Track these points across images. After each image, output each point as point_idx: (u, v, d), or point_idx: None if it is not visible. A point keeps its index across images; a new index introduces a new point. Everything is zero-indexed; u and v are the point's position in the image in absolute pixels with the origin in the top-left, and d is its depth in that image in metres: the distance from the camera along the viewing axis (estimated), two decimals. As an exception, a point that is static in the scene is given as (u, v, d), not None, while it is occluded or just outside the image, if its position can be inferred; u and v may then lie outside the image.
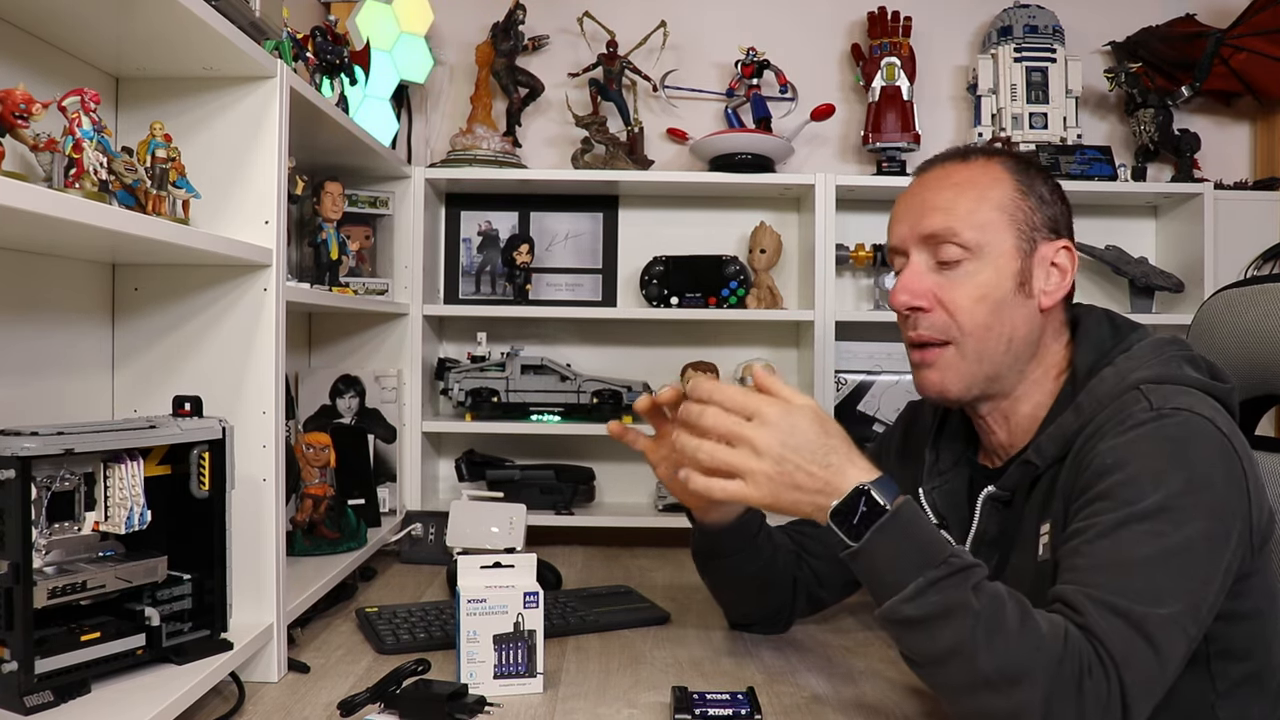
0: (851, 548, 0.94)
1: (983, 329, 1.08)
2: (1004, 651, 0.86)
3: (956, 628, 0.88)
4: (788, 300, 2.21)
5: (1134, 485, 0.93)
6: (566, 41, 2.27)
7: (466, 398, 2.04)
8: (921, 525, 0.94)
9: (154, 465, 1.07)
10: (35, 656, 0.90)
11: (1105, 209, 2.23)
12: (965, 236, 1.08)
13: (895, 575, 0.92)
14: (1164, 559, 0.90)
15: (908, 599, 0.90)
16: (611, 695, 1.15)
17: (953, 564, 0.91)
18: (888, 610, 0.92)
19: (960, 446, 1.23)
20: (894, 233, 1.15)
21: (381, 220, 2.05)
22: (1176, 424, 0.96)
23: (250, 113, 1.22)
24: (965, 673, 0.88)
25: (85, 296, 1.21)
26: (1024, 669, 0.85)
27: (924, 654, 0.92)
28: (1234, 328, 1.25)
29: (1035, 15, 2.18)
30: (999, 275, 1.08)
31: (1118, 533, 0.92)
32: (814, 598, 1.38)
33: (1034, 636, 0.87)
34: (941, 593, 0.89)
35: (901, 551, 0.92)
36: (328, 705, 1.10)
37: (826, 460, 0.97)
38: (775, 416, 0.98)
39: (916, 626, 0.91)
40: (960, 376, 1.09)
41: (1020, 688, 0.85)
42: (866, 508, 0.94)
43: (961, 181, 1.11)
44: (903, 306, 1.10)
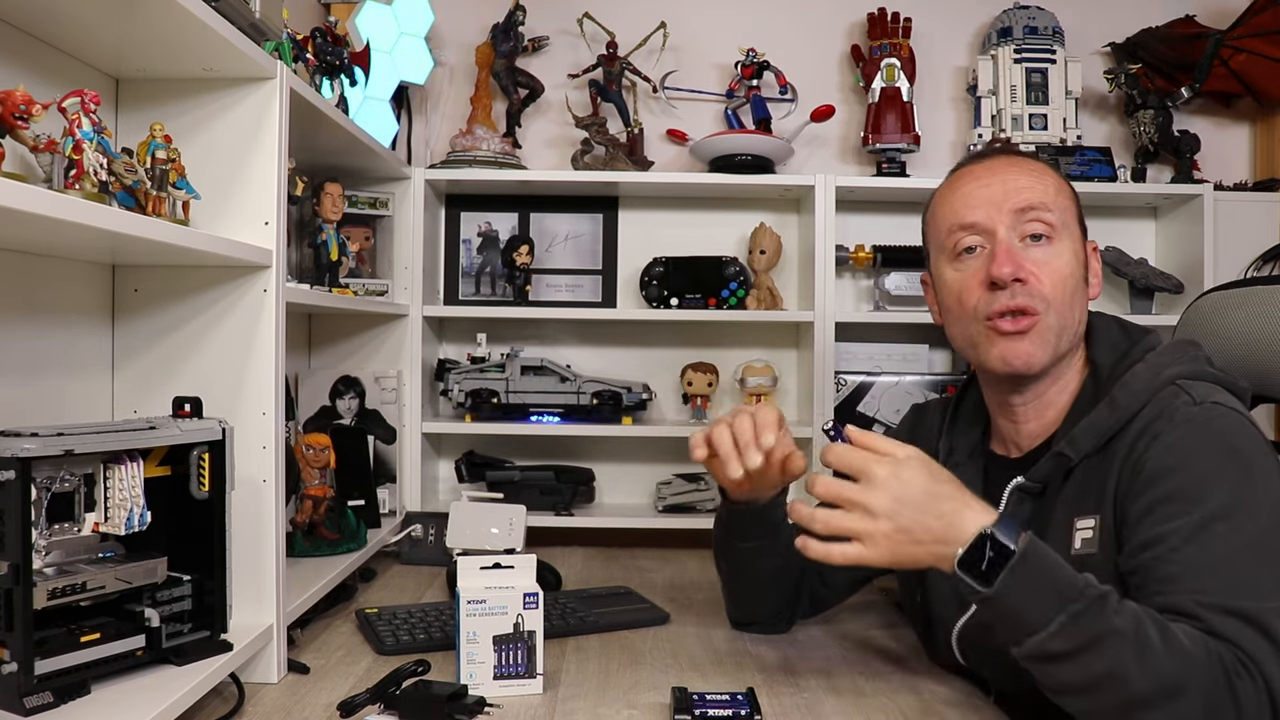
0: (984, 593, 0.92)
1: (1066, 306, 1.11)
2: (1156, 668, 0.86)
3: (1107, 655, 0.87)
4: (788, 301, 2.21)
5: (1200, 485, 0.95)
6: (566, 42, 2.27)
7: (466, 399, 2.04)
8: (1050, 560, 0.93)
9: (154, 466, 1.07)
10: (35, 657, 0.90)
11: (1105, 210, 2.23)
12: (1054, 214, 1.12)
13: (1034, 614, 0.90)
14: (1254, 552, 0.92)
15: (1053, 635, 0.89)
16: (611, 696, 1.15)
17: (1089, 595, 0.90)
18: (1032, 648, 0.91)
19: (976, 436, 1.24)
20: (970, 213, 1.13)
21: (381, 221, 2.05)
22: (1221, 419, 1.00)
23: (250, 114, 1.22)
24: (1120, 695, 0.88)
25: (85, 297, 1.21)
26: (1179, 682, 0.86)
27: (1073, 684, 0.91)
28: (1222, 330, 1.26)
29: (1035, 16, 2.18)
30: (1075, 258, 1.13)
31: (1200, 535, 0.93)
32: (817, 597, 1.39)
33: (1180, 650, 0.87)
34: (1086, 624, 0.88)
35: (1037, 590, 0.91)
36: (327, 706, 1.10)
37: (940, 510, 0.96)
38: (884, 475, 0.97)
39: (1064, 660, 0.90)
40: (1047, 348, 1.10)
41: (1178, 701, 0.86)
42: (994, 552, 0.92)
43: (1037, 169, 1.16)
44: (1009, 278, 1.09)
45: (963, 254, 1.14)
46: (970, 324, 1.14)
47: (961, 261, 1.15)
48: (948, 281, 1.17)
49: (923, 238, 1.25)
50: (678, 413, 2.23)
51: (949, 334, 1.20)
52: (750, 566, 1.33)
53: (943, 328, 1.21)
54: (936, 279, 1.20)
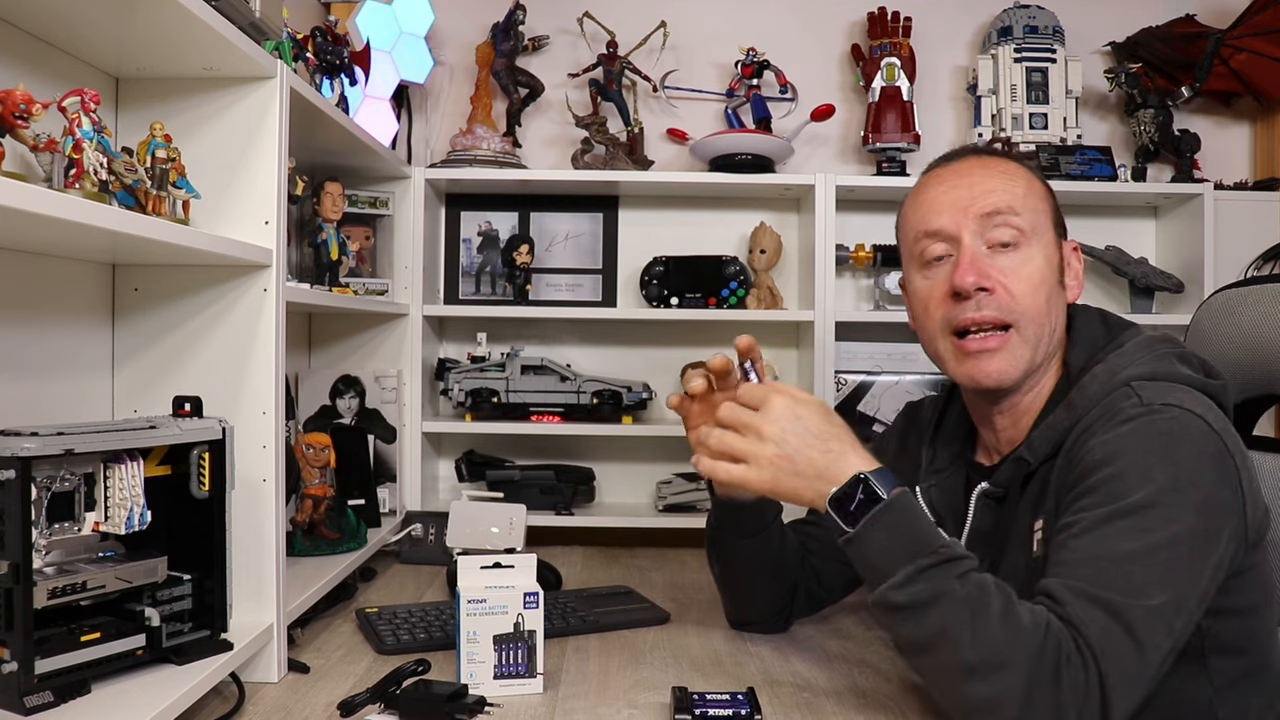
0: (847, 534, 0.97)
1: (1041, 314, 1.08)
2: (986, 639, 0.88)
3: (941, 614, 0.91)
4: (788, 300, 2.21)
5: (1121, 480, 0.94)
6: (566, 42, 2.27)
7: (466, 398, 2.04)
8: (916, 515, 0.97)
9: (154, 465, 1.07)
10: (35, 657, 0.90)
11: (1105, 209, 2.23)
12: (1022, 218, 1.09)
13: (887, 563, 0.94)
14: (1149, 554, 0.90)
15: (897, 586, 0.93)
16: (611, 695, 1.15)
17: (942, 553, 0.93)
18: (878, 597, 0.95)
19: (958, 444, 1.24)
20: (936, 219, 1.11)
21: (381, 220, 2.05)
22: (1166, 420, 0.97)
23: (250, 113, 1.22)
24: (950, 659, 0.90)
25: (85, 296, 1.21)
26: (1005, 657, 0.87)
27: (912, 640, 0.95)
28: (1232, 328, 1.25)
29: (1035, 15, 2.18)
30: (1048, 263, 1.10)
31: (1103, 528, 0.93)
32: (814, 596, 1.39)
33: (1015, 625, 0.88)
34: (929, 580, 0.92)
35: (894, 540, 0.95)
36: (328, 706, 1.10)
37: (827, 447, 1.00)
38: (780, 405, 1.02)
39: (905, 613, 0.93)
40: (1019, 362, 1.08)
41: (1001, 674, 0.87)
42: (864, 495, 0.96)
43: (1006, 170, 1.12)
44: (970, 287, 1.06)
45: (930, 262, 1.12)
46: (937, 338, 1.12)
47: (930, 269, 1.12)
48: (916, 290, 1.15)
49: (897, 243, 1.23)
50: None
51: (920, 341, 1.18)
52: (742, 564, 1.33)
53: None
54: (907, 285, 1.19)
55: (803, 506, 1.04)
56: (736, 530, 1.30)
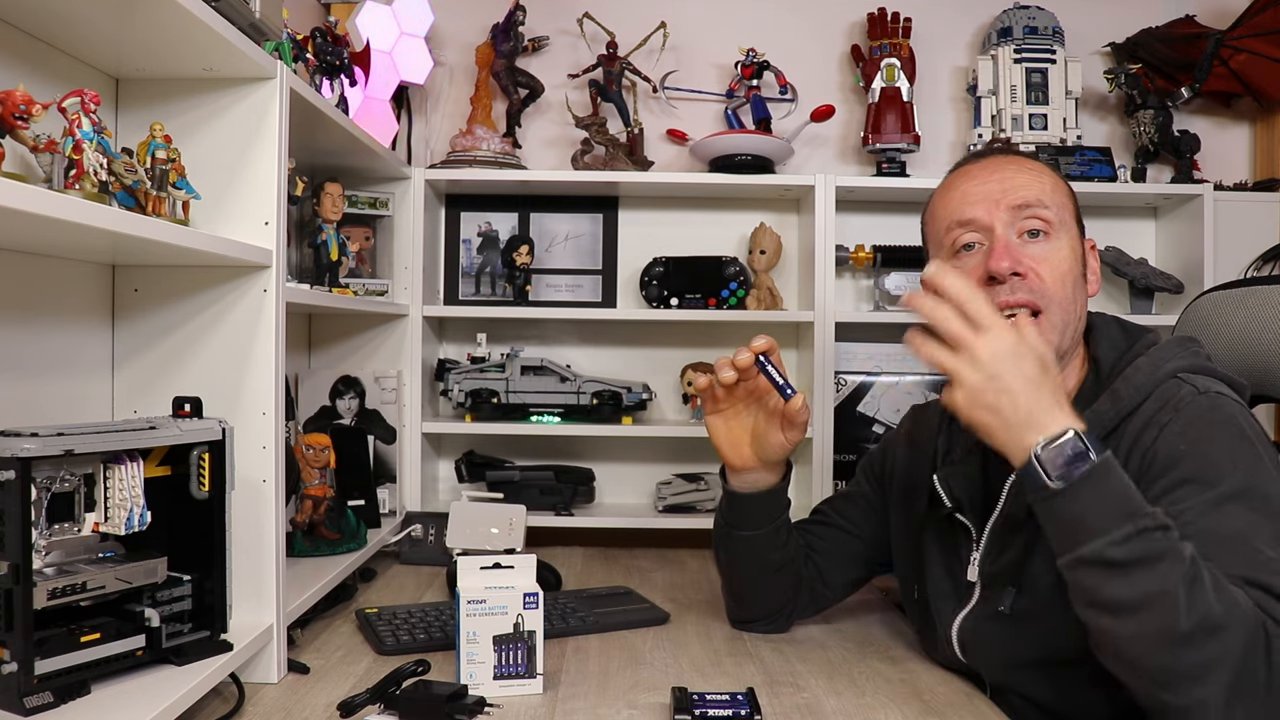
0: (1053, 489, 0.91)
1: (1069, 301, 1.12)
2: (1204, 602, 0.86)
3: (1163, 574, 0.87)
4: (788, 301, 2.21)
5: (1214, 467, 0.97)
6: (566, 42, 2.27)
7: (466, 399, 2.04)
8: (1126, 482, 0.93)
9: (154, 466, 1.07)
10: (35, 657, 0.90)
11: (1105, 210, 2.23)
12: (1052, 211, 1.13)
13: (1101, 519, 0.90)
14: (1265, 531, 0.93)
15: (1117, 542, 0.88)
16: (611, 696, 1.15)
17: (1160, 519, 0.90)
18: (1092, 552, 0.89)
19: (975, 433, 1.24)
20: (969, 209, 1.14)
21: (381, 221, 2.05)
22: (1225, 406, 1.02)
23: (250, 113, 1.22)
24: (1164, 621, 0.86)
25: (85, 297, 1.21)
26: (1223, 621, 0.86)
27: (1121, 601, 0.89)
28: (1221, 330, 1.26)
29: (1035, 16, 2.18)
30: (1073, 255, 1.14)
31: (1215, 512, 0.95)
32: (816, 595, 1.39)
33: (1229, 595, 0.87)
34: (1152, 540, 0.88)
35: (1109, 498, 0.91)
36: (327, 706, 1.10)
37: (1040, 394, 0.93)
38: (1002, 339, 0.94)
39: (1120, 571, 0.88)
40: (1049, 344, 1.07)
41: (1218, 638, 0.85)
42: (1074, 452, 0.91)
43: (1034, 167, 1.17)
44: (1006, 272, 1.10)
45: (961, 251, 1.15)
46: None
47: (960, 259, 1.15)
48: None
49: (922, 238, 1.26)
50: (678, 413, 2.23)
51: None
52: (751, 558, 1.33)
53: None
54: None
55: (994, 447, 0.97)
56: (746, 522, 1.30)
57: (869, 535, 1.39)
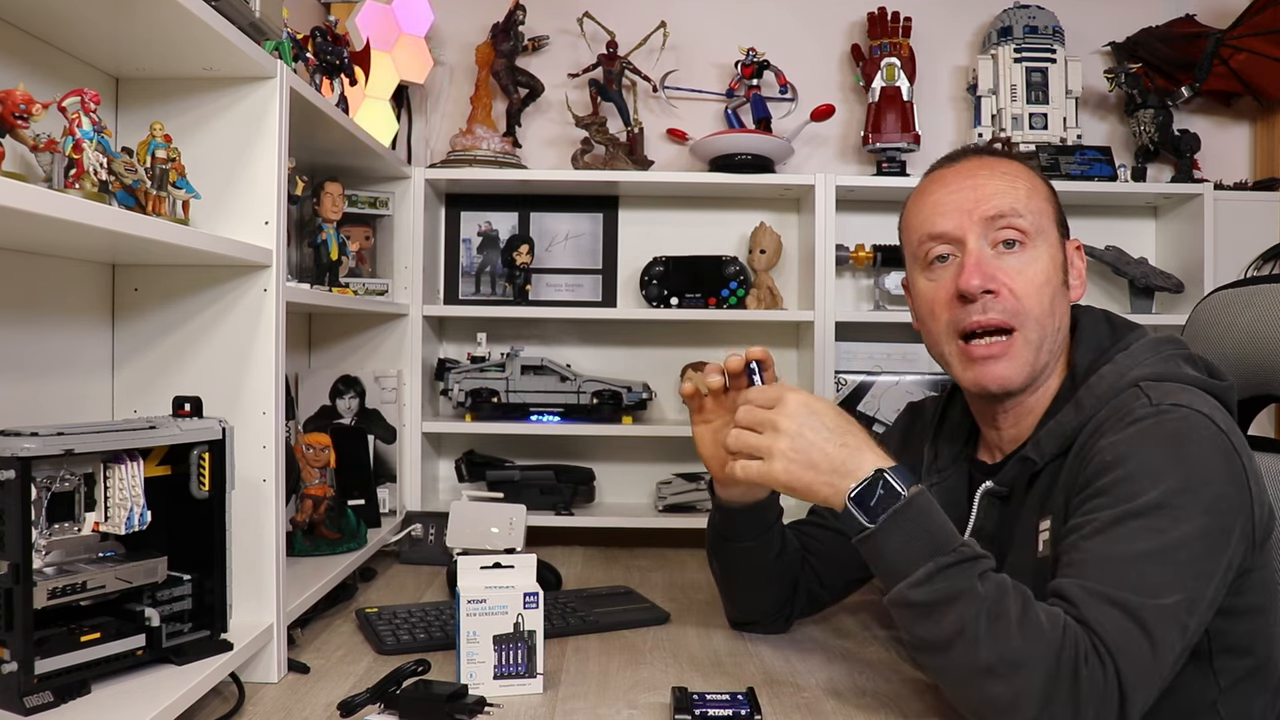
0: (867, 530, 0.96)
1: (1046, 315, 1.08)
2: (1005, 640, 0.88)
3: (961, 613, 0.90)
4: (788, 301, 2.21)
5: (1132, 482, 0.94)
6: (566, 42, 2.27)
7: (466, 398, 2.04)
8: (934, 513, 0.96)
9: (154, 466, 1.07)
10: (35, 657, 0.90)
11: (1105, 209, 2.23)
12: (1027, 220, 1.09)
13: (906, 560, 0.94)
14: (1161, 554, 0.90)
15: (916, 584, 0.93)
16: (611, 695, 1.15)
17: (962, 552, 0.93)
18: (896, 595, 0.95)
19: (960, 443, 1.24)
20: (940, 221, 1.11)
21: (381, 221, 2.05)
22: (1175, 420, 0.97)
23: (250, 113, 1.22)
24: (967, 659, 0.90)
25: (85, 296, 1.21)
26: (1024, 657, 0.87)
27: (929, 640, 0.94)
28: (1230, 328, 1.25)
29: (1035, 16, 2.18)
30: (1052, 263, 1.10)
31: (1115, 529, 0.93)
32: (814, 597, 1.39)
33: (1034, 626, 0.88)
34: (948, 579, 0.91)
35: (913, 537, 0.94)
36: (328, 706, 1.10)
37: (843, 442, 1.00)
38: (795, 401, 1.03)
39: (923, 612, 0.93)
40: (1026, 366, 1.09)
41: (1020, 675, 0.87)
42: (883, 491, 0.96)
43: (1009, 171, 1.13)
44: (977, 290, 1.07)
45: (934, 263, 1.12)
46: (942, 340, 1.13)
47: (933, 271, 1.13)
48: (920, 291, 1.15)
49: (899, 242, 1.23)
50: (678, 413, 2.23)
51: (925, 345, 1.19)
52: (744, 567, 1.33)
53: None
54: (911, 286, 1.19)
55: (818, 503, 1.03)
56: (738, 534, 1.29)
57: None
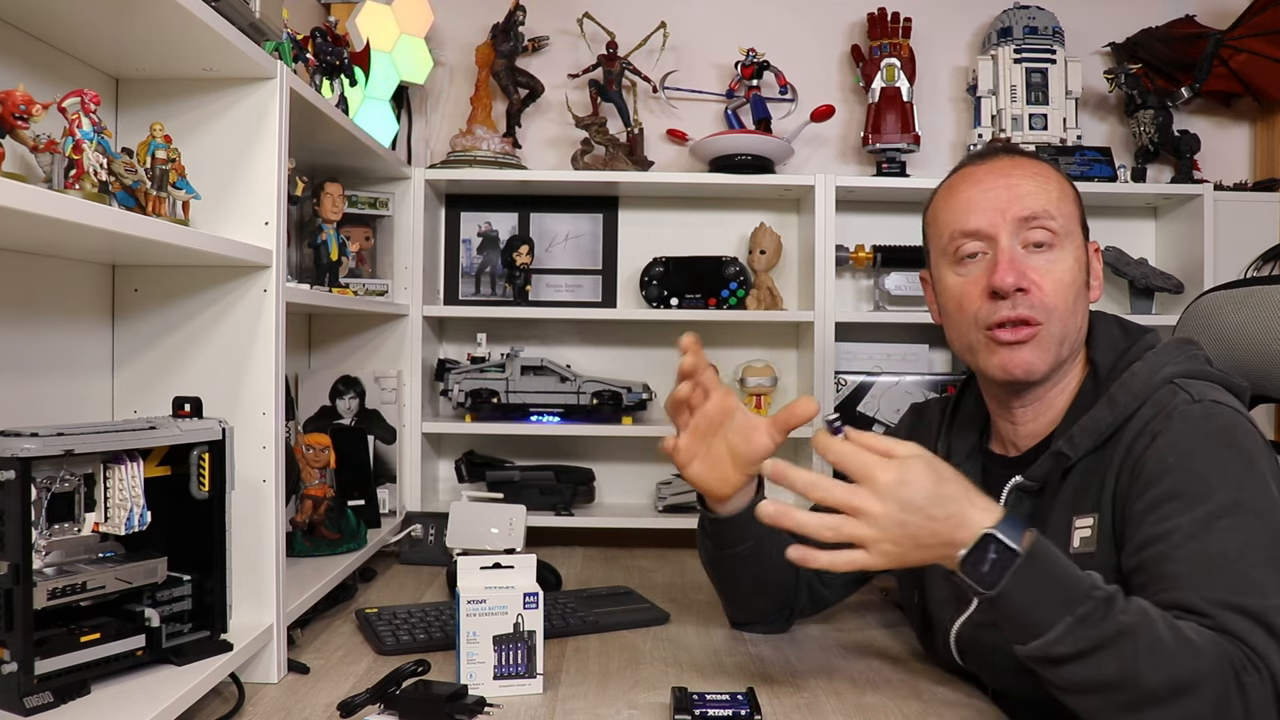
0: (987, 595, 0.91)
1: (1069, 314, 1.10)
2: (1167, 666, 0.85)
3: (1117, 656, 0.87)
4: (788, 301, 2.21)
5: (1203, 482, 0.95)
6: (566, 42, 2.27)
7: (466, 398, 2.04)
8: (1056, 560, 0.91)
9: (154, 466, 1.07)
10: (35, 657, 0.90)
11: (1105, 210, 2.23)
12: (1057, 222, 1.11)
13: (1040, 615, 0.89)
14: (1257, 549, 0.91)
15: (1058, 640, 0.88)
16: (611, 696, 1.15)
17: (1096, 596, 0.89)
18: (1036, 651, 0.90)
19: (974, 437, 1.24)
20: (974, 219, 1.12)
21: (381, 221, 2.05)
22: (1220, 415, 1.00)
23: (250, 113, 1.22)
24: (1131, 694, 0.87)
25: (85, 297, 1.21)
26: (1190, 679, 0.85)
27: (1083, 683, 0.90)
28: (1221, 330, 1.26)
29: (1035, 16, 2.18)
30: (1077, 264, 1.12)
31: (1203, 532, 0.93)
32: (816, 596, 1.39)
33: (1189, 645, 0.86)
34: (1094, 628, 0.88)
35: (1042, 591, 0.90)
36: (327, 706, 1.10)
37: (945, 512, 0.93)
38: (889, 480, 0.93)
39: (1072, 661, 0.89)
40: (1049, 356, 1.10)
41: (1189, 696, 0.85)
42: (996, 554, 0.90)
43: (1040, 172, 1.15)
44: (1011, 288, 1.08)
45: (964, 259, 1.14)
46: (970, 331, 1.14)
47: (963, 266, 1.14)
48: (949, 286, 1.16)
49: (923, 236, 1.25)
50: (678, 413, 2.22)
51: (948, 336, 1.20)
52: (739, 573, 1.33)
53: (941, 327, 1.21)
54: (937, 281, 1.20)
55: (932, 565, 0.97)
56: (730, 541, 1.29)
57: None
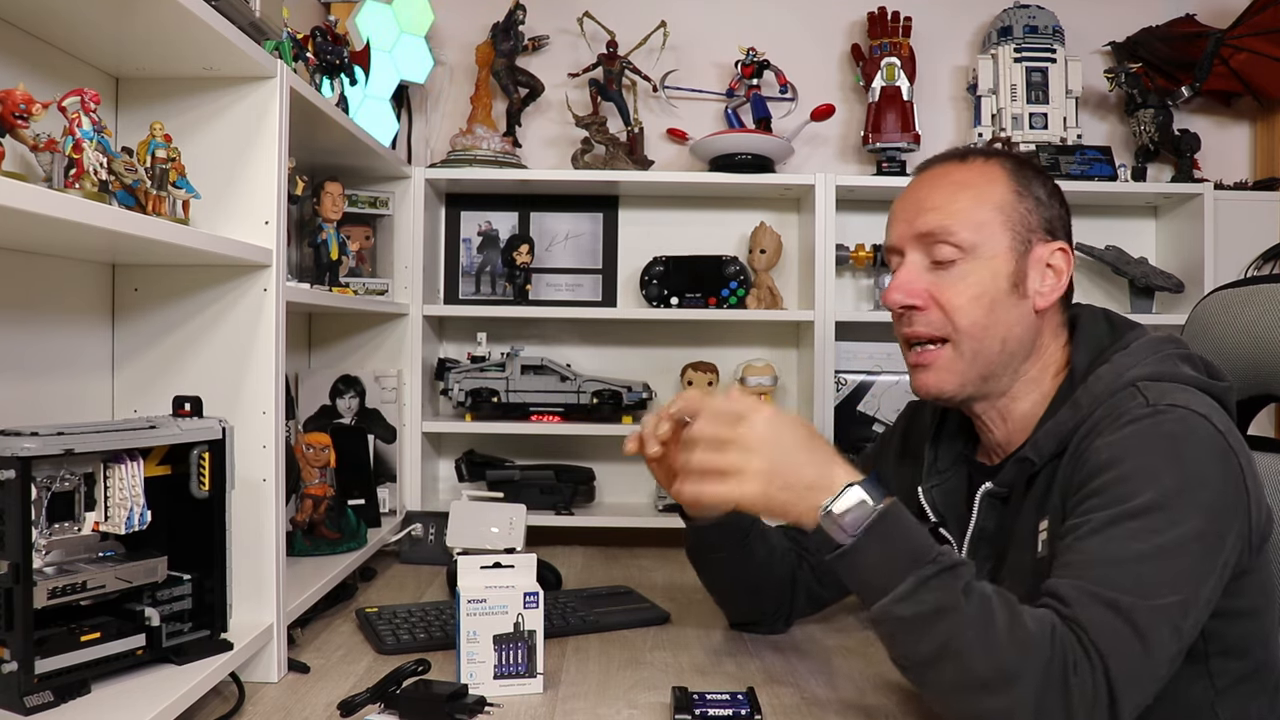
0: (842, 547, 0.95)
1: (979, 328, 1.08)
2: (995, 652, 0.87)
3: (948, 627, 0.89)
4: (788, 300, 2.21)
5: (1128, 482, 0.93)
6: (566, 41, 2.27)
7: (466, 398, 2.04)
8: (910, 524, 0.95)
9: (154, 465, 1.07)
10: (35, 657, 0.90)
11: (1105, 209, 2.23)
12: (961, 236, 1.08)
13: (887, 575, 0.93)
14: (1156, 555, 0.90)
15: (900, 598, 0.91)
16: (611, 695, 1.15)
17: (941, 561, 0.92)
18: (879, 611, 0.93)
19: (959, 445, 1.24)
20: (891, 232, 1.15)
21: (381, 220, 2.05)
22: (1172, 421, 0.96)
23: (250, 113, 1.22)
24: (956, 673, 0.89)
25: (85, 296, 1.21)
26: (1015, 669, 0.86)
27: (915, 655, 0.93)
28: (1229, 328, 1.25)
29: (1035, 15, 2.18)
30: (994, 275, 1.08)
31: (1110, 529, 0.92)
32: (814, 596, 1.39)
33: (1023, 636, 0.87)
34: (933, 591, 0.90)
35: (891, 550, 0.93)
36: (328, 705, 1.10)
37: (813, 458, 0.99)
38: (764, 416, 1.00)
39: (908, 626, 0.91)
40: (955, 376, 1.10)
41: (1011, 687, 0.86)
42: (857, 505, 0.95)
43: (959, 181, 1.12)
44: (896, 305, 1.11)
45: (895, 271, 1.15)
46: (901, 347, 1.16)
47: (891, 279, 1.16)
48: None
49: None
50: (678, 412, 2.22)
51: None
52: (727, 575, 1.34)
53: None
54: None
55: (789, 521, 1.00)
56: (714, 546, 1.30)
57: None
